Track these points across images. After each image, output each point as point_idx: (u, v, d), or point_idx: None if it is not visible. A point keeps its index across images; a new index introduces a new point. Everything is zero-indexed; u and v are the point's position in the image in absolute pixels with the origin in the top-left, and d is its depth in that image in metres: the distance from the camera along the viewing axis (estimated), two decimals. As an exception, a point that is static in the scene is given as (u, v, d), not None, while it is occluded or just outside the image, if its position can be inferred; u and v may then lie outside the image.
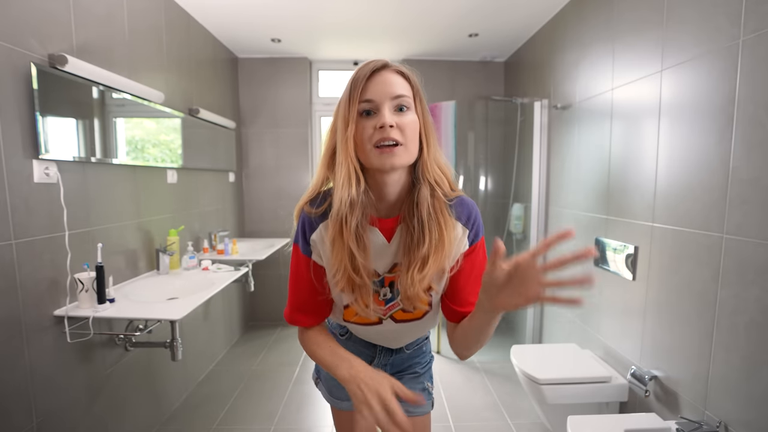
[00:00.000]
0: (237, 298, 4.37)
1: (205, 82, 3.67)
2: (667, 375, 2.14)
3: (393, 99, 1.00)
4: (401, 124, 0.99)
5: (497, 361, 3.76)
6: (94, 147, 2.20)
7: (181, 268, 2.92)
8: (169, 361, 2.91)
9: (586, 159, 2.92)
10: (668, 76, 2.10)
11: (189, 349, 3.25)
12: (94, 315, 1.98)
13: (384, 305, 1.15)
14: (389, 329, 1.21)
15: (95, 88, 2.20)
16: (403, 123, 0.99)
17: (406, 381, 1.36)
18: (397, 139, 0.98)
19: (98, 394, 2.26)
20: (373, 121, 0.99)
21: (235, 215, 4.38)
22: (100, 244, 2.13)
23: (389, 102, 0.99)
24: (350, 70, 4.74)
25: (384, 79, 1.00)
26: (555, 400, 2.38)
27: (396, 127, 0.98)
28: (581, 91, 2.96)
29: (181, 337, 2.28)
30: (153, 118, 2.78)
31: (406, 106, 1.01)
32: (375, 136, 0.98)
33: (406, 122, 1.00)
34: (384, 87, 1.00)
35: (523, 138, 3.94)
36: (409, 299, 1.08)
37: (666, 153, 2.12)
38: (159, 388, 2.84)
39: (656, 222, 2.19)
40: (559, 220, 3.33)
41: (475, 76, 4.64)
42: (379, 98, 0.99)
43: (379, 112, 0.99)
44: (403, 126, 0.99)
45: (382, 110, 0.99)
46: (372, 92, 0.99)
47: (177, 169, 3.09)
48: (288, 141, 4.61)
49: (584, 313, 2.94)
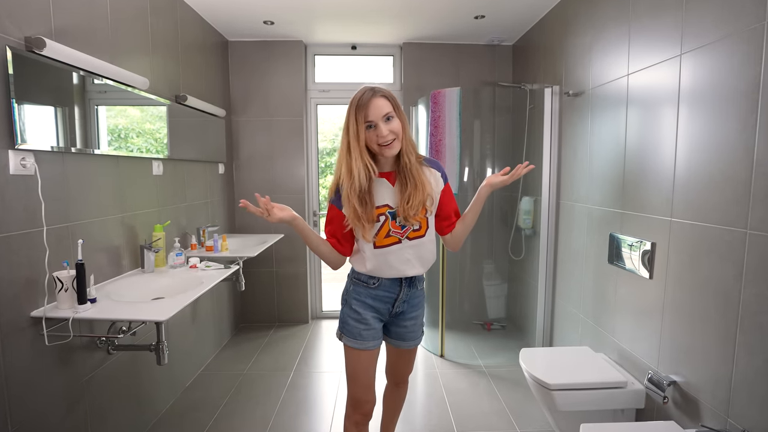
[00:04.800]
0: (227, 298, 4.37)
1: (193, 68, 3.66)
2: (686, 380, 2.14)
3: (383, 116, 1.79)
4: (392, 128, 1.81)
5: (505, 365, 3.76)
6: (74, 136, 2.19)
7: (168, 266, 2.91)
8: (155, 366, 2.92)
9: (599, 149, 2.91)
10: (688, 60, 2.09)
11: (175, 353, 3.25)
12: (74, 316, 1.97)
13: (401, 229, 1.92)
14: (408, 245, 1.95)
15: (75, 74, 2.19)
16: (392, 127, 1.82)
17: (416, 312, 2.12)
18: (392, 138, 1.82)
19: (78, 400, 2.27)
20: (374, 132, 1.80)
21: (225, 209, 4.38)
22: (81, 241, 2.13)
23: (381, 119, 1.79)
24: (349, 55, 4.75)
25: (376, 104, 1.79)
26: (566, 406, 2.38)
27: (389, 132, 1.81)
28: (595, 77, 2.95)
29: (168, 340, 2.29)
30: (137, 106, 2.77)
31: (391, 116, 1.82)
32: (378, 140, 1.81)
33: (394, 127, 1.82)
34: (376, 110, 1.78)
35: (532, 127, 3.94)
36: (408, 219, 1.88)
37: (685, 143, 2.11)
38: (143, 394, 2.84)
39: (675, 216, 2.19)
40: (570, 215, 3.33)
41: (482, 61, 4.62)
42: (376, 118, 1.79)
43: (377, 126, 1.79)
44: (393, 129, 1.81)
45: (379, 126, 1.79)
46: (371, 115, 1.78)
47: (163, 159, 3.08)
48: (282, 130, 4.60)
49: (598, 314, 2.94)
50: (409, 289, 2.04)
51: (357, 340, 2.02)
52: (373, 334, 2.02)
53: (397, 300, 2.04)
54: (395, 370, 2.29)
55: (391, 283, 2.01)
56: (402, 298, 2.04)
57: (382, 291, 2.02)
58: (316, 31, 4.29)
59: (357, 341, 2.01)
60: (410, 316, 2.11)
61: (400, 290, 2.03)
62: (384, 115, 1.79)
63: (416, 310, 2.12)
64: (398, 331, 2.12)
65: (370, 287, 2.01)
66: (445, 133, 3.75)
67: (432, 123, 3.78)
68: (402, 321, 2.10)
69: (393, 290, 2.02)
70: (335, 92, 4.80)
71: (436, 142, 3.75)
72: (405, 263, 1.97)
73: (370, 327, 2.01)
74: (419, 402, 3.22)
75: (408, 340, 2.13)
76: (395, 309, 2.05)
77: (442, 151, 3.75)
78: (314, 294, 5.06)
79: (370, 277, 2.01)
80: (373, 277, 2.00)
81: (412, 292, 2.06)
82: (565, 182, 3.45)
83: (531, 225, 3.97)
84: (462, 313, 4.77)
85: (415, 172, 1.89)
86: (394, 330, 2.12)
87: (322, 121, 5.00)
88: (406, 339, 2.13)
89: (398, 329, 2.11)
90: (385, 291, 2.02)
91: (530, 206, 3.95)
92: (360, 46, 4.71)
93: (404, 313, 2.09)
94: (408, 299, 2.07)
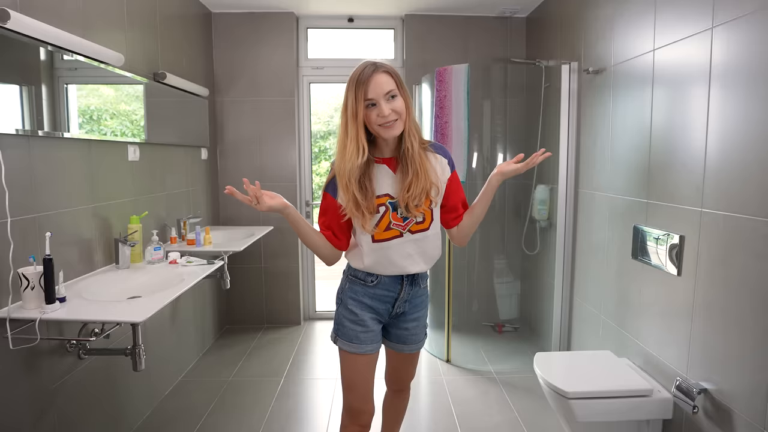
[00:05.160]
0: (210, 298, 4.38)
1: (174, 43, 3.64)
2: (719, 388, 2.14)
3: (385, 94, 1.78)
4: (394, 107, 1.79)
5: (518, 371, 3.77)
6: (41, 118, 2.19)
7: (145, 262, 2.92)
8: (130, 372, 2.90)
9: (622, 132, 2.90)
10: (721, 34, 2.07)
11: (153, 358, 3.25)
12: (41, 317, 1.97)
13: (402, 222, 1.91)
14: (410, 239, 1.94)
15: (43, 49, 2.18)
16: (395, 106, 1.79)
17: (419, 313, 2.12)
18: (394, 118, 1.80)
19: (46, 410, 2.27)
20: (375, 111, 1.79)
21: (208, 199, 4.38)
22: (49, 233, 2.11)
23: (383, 97, 1.77)
24: (345, 29, 4.73)
25: (377, 81, 1.77)
26: (586, 417, 2.38)
27: (392, 111, 1.78)
28: (617, 53, 2.94)
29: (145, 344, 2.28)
30: (111, 85, 2.76)
31: (395, 94, 1.80)
32: (379, 120, 1.79)
33: (397, 105, 1.80)
34: (378, 87, 1.76)
35: (548, 108, 3.92)
36: (410, 209, 1.87)
37: (718, 125, 2.10)
38: (118, 404, 2.85)
39: (706, 207, 2.18)
40: (590, 205, 3.32)
41: (492, 35, 4.61)
42: (377, 96, 1.77)
43: (378, 105, 1.77)
44: (396, 108, 1.79)
45: (380, 104, 1.77)
46: (371, 93, 1.77)
47: (140, 144, 3.08)
48: (271, 111, 4.59)
49: (621, 315, 2.95)
50: (410, 288, 2.04)
51: (353, 344, 2.00)
52: (371, 337, 2.02)
53: (397, 299, 2.03)
54: (396, 377, 2.28)
55: (391, 281, 2.00)
56: (403, 297, 2.03)
57: (381, 290, 2.01)
58: (309, 1, 4.27)
59: (353, 345, 2.00)
60: (412, 317, 2.10)
61: (401, 289, 2.02)
62: (386, 93, 1.77)
63: (419, 310, 2.12)
64: (399, 333, 2.11)
65: (367, 285, 2.01)
66: (451, 114, 3.74)
67: (437, 103, 3.76)
68: (403, 323, 2.10)
69: (393, 289, 2.01)
70: (330, 69, 4.78)
71: (442, 125, 3.74)
72: (406, 258, 1.96)
73: (367, 329, 2.01)
74: (422, 412, 3.23)
75: (409, 343, 2.13)
76: (395, 309, 2.05)
77: (448, 135, 3.74)
78: (307, 293, 5.07)
79: (368, 274, 2.00)
80: (372, 274, 2.00)
81: (414, 290, 2.06)
82: (584, 169, 3.44)
83: (546, 216, 3.97)
84: (470, 314, 4.78)
85: (417, 157, 1.88)
86: (394, 332, 2.12)
87: (316, 102, 5.00)
88: (408, 342, 2.13)
89: (399, 332, 2.11)
90: (384, 290, 2.01)
91: (546, 195, 3.95)
92: (358, 19, 4.69)
93: (405, 314, 2.09)
94: (410, 299, 2.06)
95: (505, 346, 4.24)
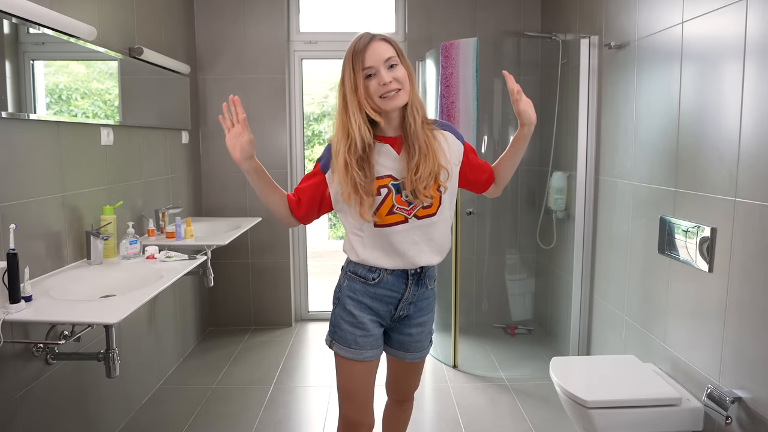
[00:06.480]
0: (192, 296, 4.39)
1: (151, 14, 3.63)
2: (754, 396, 2.14)
3: (385, 61, 1.78)
4: (396, 76, 1.79)
5: (532, 377, 3.79)
6: (4, 98, 2.18)
7: (119, 257, 2.92)
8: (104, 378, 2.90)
9: (647, 114, 2.90)
10: (757, 4, 2.06)
11: (129, 363, 3.26)
12: (4, 317, 1.97)
13: (407, 206, 1.89)
14: (416, 225, 1.91)
15: (6, 21, 2.17)
16: (397, 75, 1.80)
17: (424, 318, 2.10)
18: (396, 87, 1.79)
19: (10, 420, 2.27)
20: (375, 80, 1.79)
21: (189, 187, 4.39)
22: (13, 225, 2.11)
23: (383, 64, 1.78)
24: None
25: (375, 48, 1.78)
26: (607, 428, 2.39)
27: (393, 79, 1.78)
28: (642, 26, 2.93)
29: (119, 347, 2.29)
30: (82, 61, 2.76)
31: (395, 63, 1.81)
32: (380, 90, 1.79)
33: (399, 74, 1.80)
34: (376, 55, 1.77)
35: (565, 86, 3.92)
36: (417, 194, 1.85)
37: (753, 106, 2.09)
38: (90, 413, 2.86)
39: (740, 196, 2.18)
40: (612, 194, 3.32)
41: (504, 6, 4.59)
42: (376, 63, 1.78)
43: (378, 74, 1.78)
44: (397, 77, 1.80)
45: (380, 71, 1.78)
46: (369, 60, 1.77)
47: (114, 126, 3.07)
48: (259, 90, 4.59)
49: (646, 316, 2.95)
50: (416, 288, 2.00)
51: (352, 349, 1.98)
52: (371, 342, 1.99)
53: (401, 301, 2.00)
54: (398, 386, 2.27)
55: (395, 279, 1.97)
56: (407, 298, 2.00)
57: (383, 289, 1.97)
58: (301, -32, 4.26)
59: (351, 350, 1.98)
60: (417, 321, 2.07)
61: (405, 288, 1.98)
62: (386, 60, 1.77)
63: (424, 314, 2.09)
64: (401, 339, 2.08)
65: (368, 283, 1.97)
66: (458, 93, 3.74)
67: (443, 81, 3.76)
68: (406, 327, 2.07)
69: (396, 288, 1.98)
70: (324, 44, 4.77)
71: (448, 105, 3.74)
72: (412, 246, 1.93)
73: (367, 333, 1.98)
74: (427, 423, 3.25)
75: (413, 351, 2.10)
76: (398, 312, 2.02)
77: (454, 116, 3.74)
78: (299, 291, 5.08)
79: (370, 270, 1.96)
80: (373, 270, 1.96)
81: (420, 291, 2.03)
82: (605, 154, 3.44)
83: (564, 206, 3.97)
84: (479, 315, 4.79)
85: (422, 135, 1.86)
86: (396, 338, 2.09)
87: (309, 80, 4.99)
88: (411, 350, 2.10)
89: (401, 337, 2.08)
90: (386, 289, 1.97)
91: (563, 183, 3.95)
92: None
93: (410, 317, 2.06)
94: (415, 300, 2.03)
95: (517, 350, 4.25)
